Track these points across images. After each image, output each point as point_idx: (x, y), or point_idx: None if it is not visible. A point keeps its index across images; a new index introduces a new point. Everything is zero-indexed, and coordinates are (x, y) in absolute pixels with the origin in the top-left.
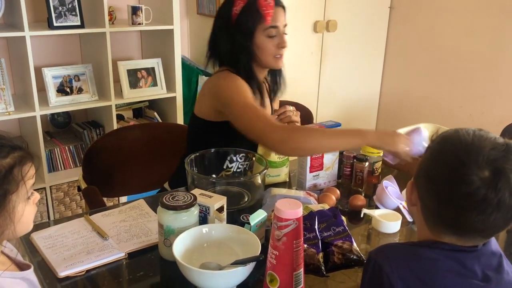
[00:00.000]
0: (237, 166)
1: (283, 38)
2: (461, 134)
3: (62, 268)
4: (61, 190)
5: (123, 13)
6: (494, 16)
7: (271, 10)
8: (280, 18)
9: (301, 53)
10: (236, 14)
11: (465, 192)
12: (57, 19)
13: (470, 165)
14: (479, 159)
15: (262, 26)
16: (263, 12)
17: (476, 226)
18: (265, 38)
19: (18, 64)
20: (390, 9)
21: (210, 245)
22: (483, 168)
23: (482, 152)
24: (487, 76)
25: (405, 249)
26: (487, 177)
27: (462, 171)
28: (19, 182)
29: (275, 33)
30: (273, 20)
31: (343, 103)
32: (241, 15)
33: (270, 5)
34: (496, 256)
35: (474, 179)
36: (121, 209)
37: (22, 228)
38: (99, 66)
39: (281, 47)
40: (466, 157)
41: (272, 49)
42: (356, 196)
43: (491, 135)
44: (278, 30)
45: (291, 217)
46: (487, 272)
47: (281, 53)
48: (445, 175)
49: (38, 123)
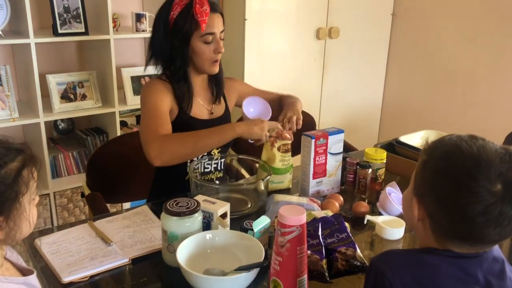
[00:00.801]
0: (203, 166)
1: (219, 43)
2: (464, 147)
3: (66, 273)
4: (65, 196)
5: (127, 20)
6: (495, 22)
7: (206, 17)
8: (217, 24)
9: (304, 60)
10: (173, 19)
11: (481, 210)
12: (61, 26)
13: (483, 181)
14: (491, 173)
15: (198, 33)
16: (198, 19)
17: (493, 238)
18: (201, 44)
19: (22, 70)
20: (392, 16)
21: (213, 251)
22: (496, 182)
23: (492, 166)
24: (489, 82)
25: (407, 256)
26: (500, 191)
27: (475, 188)
28: (28, 184)
29: (211, 39)
30: (209, 27)
31: (345, 110)
32: (178, 20)
33: (206, 12)
34: (498, 262)
35: (488, 195)
36: (125, 215)
37: (27, 229)
38: (103, 73)
39: (217, 53)
40: (477, 172)
41: (209, 54)
42: (359, 203)
43: (491, 145)
44: (214, 36)
45: (294, 223)
46: (490, 278)
47: (217, 58)
48: (457, 193)
49: (42, 129)
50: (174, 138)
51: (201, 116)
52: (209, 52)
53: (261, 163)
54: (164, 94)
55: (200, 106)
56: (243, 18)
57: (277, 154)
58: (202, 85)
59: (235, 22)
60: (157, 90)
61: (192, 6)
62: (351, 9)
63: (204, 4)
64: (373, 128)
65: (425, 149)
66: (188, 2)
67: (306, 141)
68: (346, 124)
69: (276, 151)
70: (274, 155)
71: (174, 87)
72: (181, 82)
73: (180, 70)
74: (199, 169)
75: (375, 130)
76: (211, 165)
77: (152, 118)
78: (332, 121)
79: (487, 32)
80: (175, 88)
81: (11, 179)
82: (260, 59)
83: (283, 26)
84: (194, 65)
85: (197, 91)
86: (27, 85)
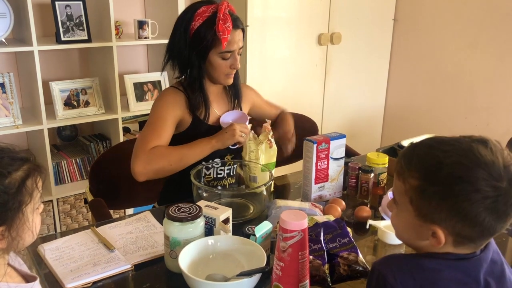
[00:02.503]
0: (216, 171)
1: (236, 60)
2: (455, 161)
3: (68, 280)
4: (68, 202)
5: (129, 27)
6: (497, 26)
7: (228, 35)
8: (237, 41)
9: (306, 66)
10: (194, 29)
11: (504, 203)
12: (64, 34)
13: (490, 180)
14: (492, 173)
15: (217, 49)
16: (220, 37)
17: (499, 230)
18: (218, 59)
19: (26, 78)
20: (394, 21)
21: (215, 257)
22: (502, 178)
23: (492, 166)
24: (491, 87)
25: (409, 260)
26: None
27: (488, 193)
28: (31, 194)
29: (229, 56)
30: (229, 44)
31: (348, 115)
32: (199, 32)
33: (228, 29)
34: (497, 264)
35: (494, 190)
36: (127, 221)
37: (29, 239)
38: (105, 80)
39: (233, 68)
40: (481, 180)
41: (225, 69)
42: (361, 208)
43: (471, 144)
44: (233, 53)
45: (296, 228)
46: (489, 280)
47: (232, 73)
48: (482, 208)
49: (45, 136)
50: (160, 154)
51: (215, 123)
52: (225, 67)
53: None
54: (174, 106)
55: (215, 115)
56: (245, 24)
57: (273, 148)
58: (218, 93)
59: None
60: (168, 103)
61: (215, 20)
62: (353, 14)
63: (227, 21)
64: (376, 133)
65: (405, 171)
66: (211, 15)
67: (308, 146)
68: (348, 129)
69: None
70: (273, 151)
71: (189, 96)
72: (196, 93)
73: (196, 80)
74: (211, 174)
75: (378, 135)
76: (224, 171)
77: (151, 130)
78: (335, 126)
79: (489, 36)
80: (190, 97)
81: (14, 188)
82: (262, 65)
83: (285, 32)
84: (209, 75)
85: (211, 99)
86: (31, 92)
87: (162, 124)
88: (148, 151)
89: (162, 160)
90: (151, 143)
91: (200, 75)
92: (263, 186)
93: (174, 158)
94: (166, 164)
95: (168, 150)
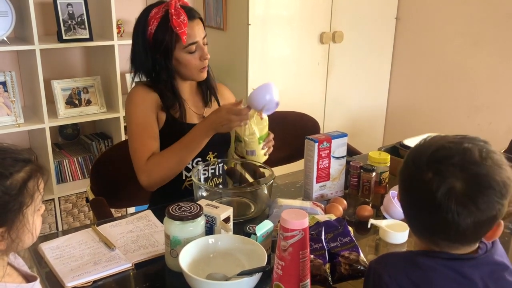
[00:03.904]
0: (200, 173)
1: (203, 50)
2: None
3: (69, 278)
4: (70, 201)
5: (131, 26)
6: (499, 25)
7: (185, 28)
8: (198, 31)
9: (308, 64)
10: (152, 34)
11: (444, 192)
12: (66, 33)
13: (434, 164)
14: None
15: (180, 45)
16: (178, 32)
17: (467, 228)
18: (185, 54)
19: (28, 76)
20: (396, 20)
21: (216, 256)
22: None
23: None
24: (494, 85)
25: (404, 258)
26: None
27: (427, 176)
28: (32, 196)
29: (195, 48)
30: (190, 36)
31: (350, 114)
32: (157, 35)
33: (184, 22)
34: (499, 266)
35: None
36: (128, 220)
37: (29, 241)
38: (107, 78)
39: (204, 59)
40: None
41: (195, 63)
42: (363, 207)
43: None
44: (198, 44)
45: (297, 227)
46: (489, 283)
47: (204, 65)
48: (415, 188)
49: (47, 135)
50: (157, 164)
51: (192, 121)
52: (195, 61)
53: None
54: (148, 103)
55: (190, 112)
56: (247, 23)
57: (265, 119)
58: (191, 91)
59: (239, 27)
60: (141, 101)
61: (169, 18)
62: (355, 13)
63: (181, 14)
64: (378, 131)
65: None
66: (164, 15)
67: (309, 145)
68: (350, 128)
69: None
70: (265, 122)
71: (161, 93)
72: (168, 93)
73: (167, 83)
74: (196, 176)
75: (380, 133)
76: (208, 171)
77: (138, 139)
78: (336, 125)
79: (491, 35)
80: (163, 97)
81: (16, 190)
82: (264, 63)
83: (286, 31)
84: (180, 75)
85: (186, 98)
86: (32, 91)
87: (146, 130)
88: (145, 164)
89: (161, 169)
90: (145, 155)
91: (170, 76)
92: (264, 185)
93: (172, 163)
94: (167, 171)
95: (165, 158)
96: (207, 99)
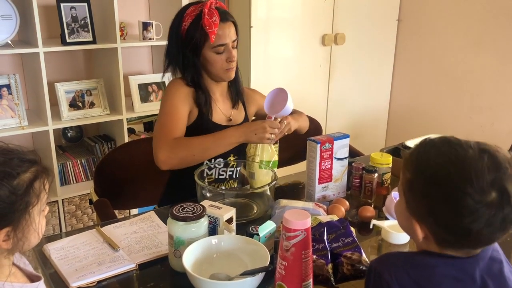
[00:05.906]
0: (218, 172)
1: (231, 53)
2: (446, 161)
3: (73, 279)
4: (73, 203)
5: (134, 29)
6: (501, 26)
7: (215, 28)
8: (228, 34)
9: (310, 66)
10: (185, 30)
11: (485, 223)
12: (70, 35)
13: (476, 195)
14: (483, 185)
15: (208, 44)
16: (207, 31)
17: (496, 240)
18: (213, 54)
19: (32, 79)
20: (398, 21)
21: (219, 256)
22: (489, 191)
23: (481, 176)
24: (496, 86)
25: (404, 257)
26: (495, 199)
27: (472, 206)
28: (38, 196)
29: (222, 50)
30: (219, 38)
31: (352, 116)
32: (189, 31)
33: (215, 23)
34: (496, 262)
35: (486, 208)
36: (132, 221)
37: (35, 240)
38: (110, 81)
39: (229, 62)
40: (468, 188)
41: (221, 63)
42: (365, 208)
43: (471, 152)
44: (226, 46)
45: (299, 227)
46: (486, 278)
47: (230, 66)
48: (456, 215)
49: (50, 137)
50: (183, 144)
51: (220, 122)
52: (221, 62)
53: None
54: (185, 96)
55: (219, 112)
56: (249, 25)
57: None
58: (222, 92)
59: (241, 29)
60: (179, 92)
61: (202, 17)
62: (357, 15)
63: (214, 15)
64: (380, 133)
65: (405, 164)
66: (198, 13)
67: (311, 146)
68: (352, 129)
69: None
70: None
71: (195, 90)
72: (199, 91)
73: (194, 79)
74: (213, 175)
75: (382, 135)
76: (226, 172)
77: (168, 119)
78: (339, 127)
79: (493, 36)
80: (196, 92)
81: (22, 190)
82: (266, 65)
83: (288, 33)
84: (207, 72)
85: (216, 98)
86: (36, 93)
87: (178, 116)
88: (170, 140)
89: (185, 150)
90: (172, 133)
91: (197, 72)
92: (266, 186)
93: (197, 149)
94: (189, 155)
95: (191, 141)
96: (235, 101)
